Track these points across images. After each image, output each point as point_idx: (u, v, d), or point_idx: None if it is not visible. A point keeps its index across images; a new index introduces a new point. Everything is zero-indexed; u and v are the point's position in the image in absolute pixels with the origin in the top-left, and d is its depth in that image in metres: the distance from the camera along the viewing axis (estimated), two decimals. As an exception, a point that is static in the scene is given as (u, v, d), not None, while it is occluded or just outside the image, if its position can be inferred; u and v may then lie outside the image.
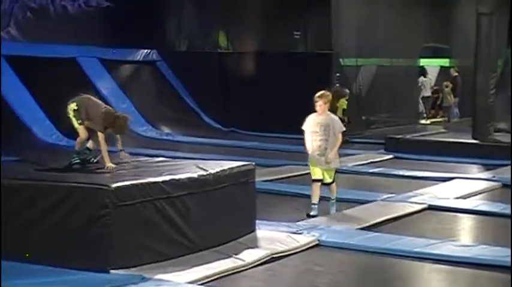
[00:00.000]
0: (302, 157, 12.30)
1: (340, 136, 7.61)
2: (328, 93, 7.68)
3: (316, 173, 7.62)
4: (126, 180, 5.58)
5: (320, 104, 7.53)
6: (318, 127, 7.54)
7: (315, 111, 7.57)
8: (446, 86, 20.07)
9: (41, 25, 16.24)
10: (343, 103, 14.01)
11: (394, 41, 18.60)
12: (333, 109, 11.52)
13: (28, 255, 5.44)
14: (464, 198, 8.91)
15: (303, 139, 7.69)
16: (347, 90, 14.31)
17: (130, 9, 17.53)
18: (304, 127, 7.62)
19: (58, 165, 6.47)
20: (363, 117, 17.35)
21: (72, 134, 13.90)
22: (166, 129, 16.79)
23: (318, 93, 7.60)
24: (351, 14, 17.60)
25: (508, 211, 7.79)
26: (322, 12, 17.11)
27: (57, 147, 13.20)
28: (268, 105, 16.12)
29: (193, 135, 16.09)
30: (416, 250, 6.18)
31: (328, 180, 7.69)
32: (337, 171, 7.83)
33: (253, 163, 6.89)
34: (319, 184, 7.60)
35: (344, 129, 7.73)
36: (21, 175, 5.95)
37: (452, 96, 19.90)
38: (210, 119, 17.92)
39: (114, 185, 5.39)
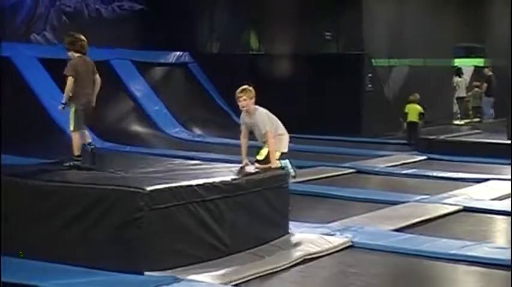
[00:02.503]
0: (333, 157, 12.35)
1: (271, 135, 6.62)
2: (250, 88, 6.54)
3: None
4: (160, 183, 5.62)
5: (244, 99, 6.48)
6: (246, 128, 6.71)
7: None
8: (476, 86, 19.83)
9: (75, 29, 16.41)
10: (409, 108, 13.93)
11: (427, 41, 18.44)
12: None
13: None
14: (500, 199, 8.83)
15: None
16: (416, 95, 14.15)
17: (162, 12, 17.67)
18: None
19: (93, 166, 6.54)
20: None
21: (108, 136, 14.02)
22: (198, 131, 16.86)
23: (240, 89, 6.53)
24: (383, 14, 17.50)
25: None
26: (354, 12, 17.05)
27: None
28: (299, 107, 16.08)
29: (225, 137, 16.11)
30: (450, 252, 6.14)
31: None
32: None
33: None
34: None
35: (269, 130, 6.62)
36: (56, 177, 6.02)
37: (481, 96, 19.64)
38: (241, 121, 17.95)
39: (148, 188, 5.43)
